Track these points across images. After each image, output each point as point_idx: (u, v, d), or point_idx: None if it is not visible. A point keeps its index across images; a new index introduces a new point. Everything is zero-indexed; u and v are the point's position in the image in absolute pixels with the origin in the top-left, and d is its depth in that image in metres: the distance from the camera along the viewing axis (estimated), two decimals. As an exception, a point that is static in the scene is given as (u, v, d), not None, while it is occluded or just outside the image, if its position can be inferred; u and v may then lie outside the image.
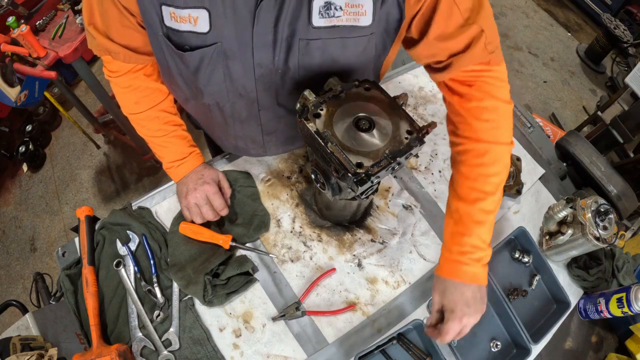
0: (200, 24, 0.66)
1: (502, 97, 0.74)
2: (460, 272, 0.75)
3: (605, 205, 0.97)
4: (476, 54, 0.70)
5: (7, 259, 2.42)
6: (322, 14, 0.66)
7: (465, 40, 0.70)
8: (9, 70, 1.68)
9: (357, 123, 0.70)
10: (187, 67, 0.74)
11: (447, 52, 0.72)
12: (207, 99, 0.82)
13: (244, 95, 0.80)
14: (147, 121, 0.93)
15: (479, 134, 0.74)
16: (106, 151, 2.76)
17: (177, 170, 0.98)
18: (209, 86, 0.77)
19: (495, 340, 0.97)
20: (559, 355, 1.00)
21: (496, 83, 0.74)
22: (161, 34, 0.70)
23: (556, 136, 2.36)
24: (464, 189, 0.76)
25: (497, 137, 0.74)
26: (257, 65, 0.72)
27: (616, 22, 3.22)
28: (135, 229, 0.98)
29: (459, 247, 0.75)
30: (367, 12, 0.67)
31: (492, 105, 0.74)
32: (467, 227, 0.75)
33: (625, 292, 0.93)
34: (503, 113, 0.75)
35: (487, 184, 0.74)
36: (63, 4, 1.84)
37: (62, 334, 0.94)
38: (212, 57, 0.71)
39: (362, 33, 0.70)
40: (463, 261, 0.75)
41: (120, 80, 0.87)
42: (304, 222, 1.05)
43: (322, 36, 0.69)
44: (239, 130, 0.93)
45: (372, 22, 0.68)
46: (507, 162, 0.76)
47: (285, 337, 0.91)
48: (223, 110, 0.86)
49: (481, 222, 0.74)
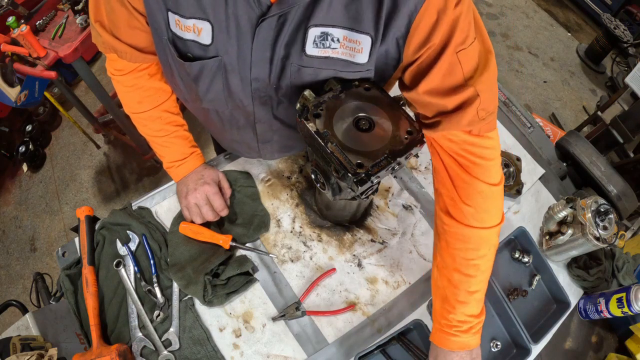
0: (203, 36, 0.66)
1: (492, 180, 0.70)
2: (448, 342, 0.76)
3: (605, 205, 0.97)
4: (465, 118, 0.65)
5: (7, 259, 2.42)
6: (316, 44, 0.64)
7: (457, 102, 0.64)
8: (9, 70, 1.68)
9: (357, 123, 0.70)
10: (187, 75, 0.74)
11: (434, 109, 0.67)
12: (206, 105, 0.82)
13: (242, 107, 0.80)
14: (149, 121, 0.93)
15: (466, 218, 0.71)
16: (106, 151, 2.76)
17: (178, 170, 0.99)
18: (208, 94, 0.77)
19: (495, 340, 0.97)
20: (559, 355, 1.00)
21: (485, 163, 0.69)
22: (166, 39, 0.70)
23: (556, 136, 2.36)
24: (448, 270, 0.75)
25: (484, 222, 0.72)
26: (254, 79, 0.72)
27: (616, 22, 3.22)
28: (135, 229, 0.98)
29: (446, 321, 0.76)
30: (363, 50, 0.64)
31: (480, 190, 0.70)
32: (452, 305, 0.75)
33: (625, 292, 0.93)
34: (492, 196, 0.71)
35: (470, 268, 0.73)
36: (63, 4, 1.84)
37: (62, 334, 0.93)
38: (212, 69, 0.71)
39: (357, 69, 0.68)
40: (451, 333, 0.76)
41: (124, 79, 0.87)
42: (304, 222, 1.05)
43: (315, 65, 0.68)
44: (236, 136, 0.94)
45: (368, 61, 0.66)
46: (494, 242, 0.75)
47: (285, 337, 0.91)
48: (221, 116, 0.86)
49: (465, 302, 0.74)
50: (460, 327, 0.75)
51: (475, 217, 0.71)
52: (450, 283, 0.75)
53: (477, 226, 0.71)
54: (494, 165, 0.70)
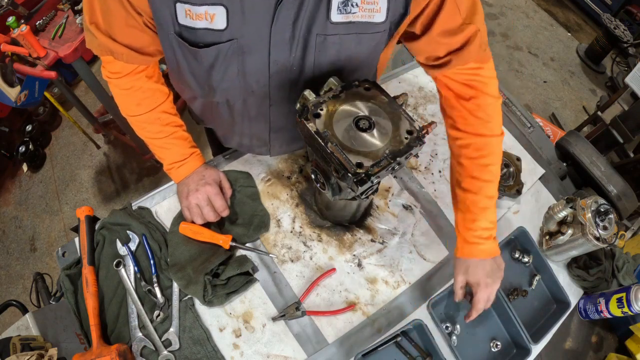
0: (217, 21, 0.66)
1: (493, 93, 0.83)
2: (478, 251, 0.86)
3: (605, 205, 0.97)
4: (473, 51, 0.76)
5: (7, 259, 2.42)
6: (340, 10, 0.67)
7: (464, 39, 0.75)
8: (9, 70, 1.68)
9: (357, 123, 0.70)
10: (200, 64, 0.74)
11: (446, 49, 0.77)
12: (219, 97, 0.82)
13: (256, 91, 0.80)
14: (147, 123, 0.93)
15: (477, 128, 0.83)
16: (106, 151, 2.76)
17: (178, 172, 0.98)
18: (223, 83, 0.77)
19: (495, 340, 0.97)
20: (559, 355, 1.00)
21: (488, 81, 0.82)
22: (172, 33, 0.69)
23: (556, 136, 2.36)
24: (467, 180, 0.85)
25: (492, 130, 0.83)
26: (273, 62, 0.73)
27: (616, 22, 3.22)
28: (135, 229, 0.98)
29: (472, 232, 0.85)
30: (381, 9, 0.69)
31: (485, 103, 0.82)
32: (475, 214, 0.84)
33: (625, 292, 0.93)
34: (494, 108, 0.83)
35: (486, 173, 0.84)
36: (63, 4, 1.84)
37: (62, 334, 0.93)
38: (228, 54, 0.71)
39: (376, 29, 0.72)
40: (479, 242, 0.85)
41: (121, 82, 0.86)
42: (304, 222, 1.05)
43: (340, 32, 0.70)
44: (246, 128, 0.94)
45: (385, 20, 0.70)
46: (500, 152, 0.86)
47: (285, 337, 0.91)
48: (233, 108, 0.86)
49: (487, 208, 0.84)
50: (483, 234, 0.85)
51: (484, 127, 0.82)
52: (471, 191, 0.84)
53: (487, 134, 0.83)
54: (494, 82, 0.83)
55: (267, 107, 0.85)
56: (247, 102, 0.84)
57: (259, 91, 0.80)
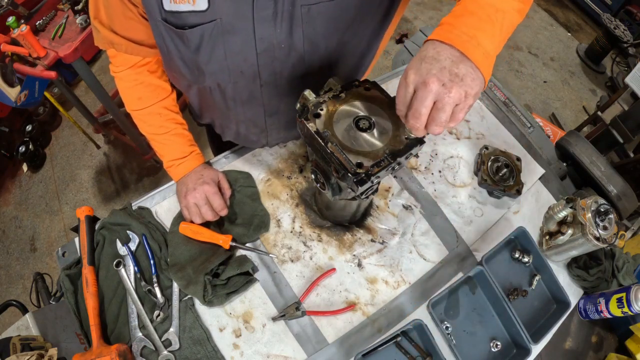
0: (198, 3, 0.67)
1: None
2: (453, 36, 0.53)
3: (605, 205, 0.97)
4: None
5: (7, 259, 2.42)
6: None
7: None
8: (9, 70, 1.68)
9: (357, 123, 0.70)
10: (187, 47, 0.74)
11: None
12: (209, 81, 0.82)
13: (245, 71, 0.80)
14: (149, 117, 0.94)
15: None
16: (106, 151, 2.76)
17: (177, 169, 0.99)
18: (210, 64, 0.77)
19: (495, 340, 0.97)
20: (559, 355, 1.00)
21: None
22: (160, 19, 0.71)
23: (556, 136, 2.37)
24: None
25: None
26: (260, 39, 0.73)
27: (616, 22, 3.22)
28: (135, 229, 0.98)
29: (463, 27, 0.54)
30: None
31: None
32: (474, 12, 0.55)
33: (625, 292, 0.93)
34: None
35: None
36: (63, 4, 1.84)
37: (62, 334, 0.93)
38: (212, 34, 0.71)
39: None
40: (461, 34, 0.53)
41: (124, 75, 0.89)
42: (304, 222, 1.05)
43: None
44: (241, 114, 0.94)
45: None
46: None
47: (285, 337, 0.91)
48: (225, 93, 0.86)
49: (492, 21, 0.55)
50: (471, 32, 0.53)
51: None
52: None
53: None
54: None
55: (259, 88, 0.85)
56: (238, 84, 0.83)
57: (247, 71, 0.80)
